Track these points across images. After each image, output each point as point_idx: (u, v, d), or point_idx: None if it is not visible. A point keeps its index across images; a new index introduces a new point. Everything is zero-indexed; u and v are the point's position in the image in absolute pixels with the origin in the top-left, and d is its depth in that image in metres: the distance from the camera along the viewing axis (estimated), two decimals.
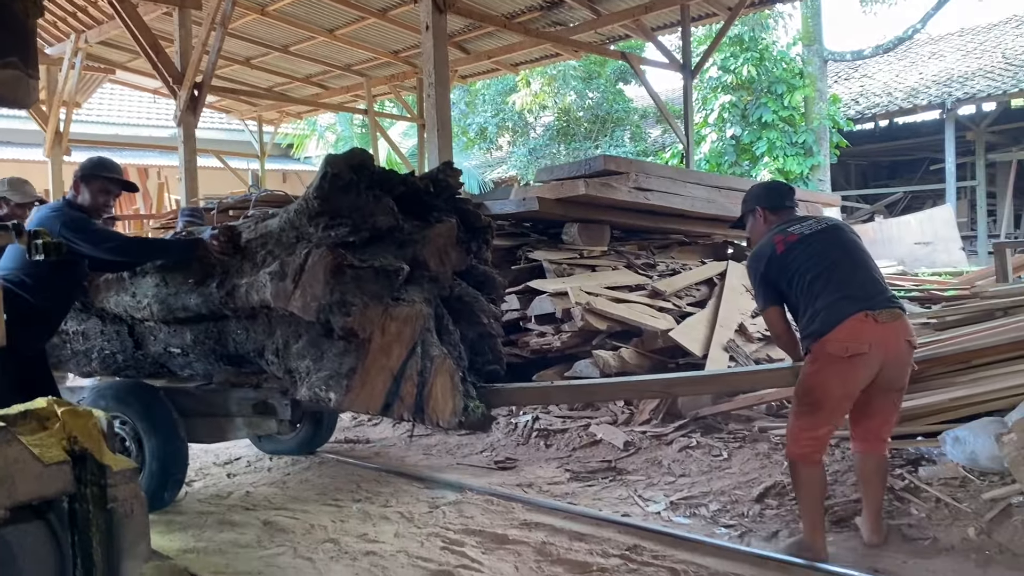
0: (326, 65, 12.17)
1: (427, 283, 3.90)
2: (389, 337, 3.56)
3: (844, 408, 3.47)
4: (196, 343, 4.40)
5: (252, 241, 4.09)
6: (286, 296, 3.61)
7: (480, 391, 4.04)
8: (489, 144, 21.11)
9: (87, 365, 5.06)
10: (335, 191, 3.68)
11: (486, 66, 11.95)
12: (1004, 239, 16.19)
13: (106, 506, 2.82)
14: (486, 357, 4.24)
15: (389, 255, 3.76)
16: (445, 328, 4.00)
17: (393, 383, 3.58)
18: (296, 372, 3.72)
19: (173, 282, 4.29)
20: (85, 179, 4.14)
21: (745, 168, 14.72)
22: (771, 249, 3.53)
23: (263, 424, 4.48)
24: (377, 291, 3.58)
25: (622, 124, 18.20)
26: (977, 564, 3.34)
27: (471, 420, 3.85)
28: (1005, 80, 14.92)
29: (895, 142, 18.35)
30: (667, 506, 4.30)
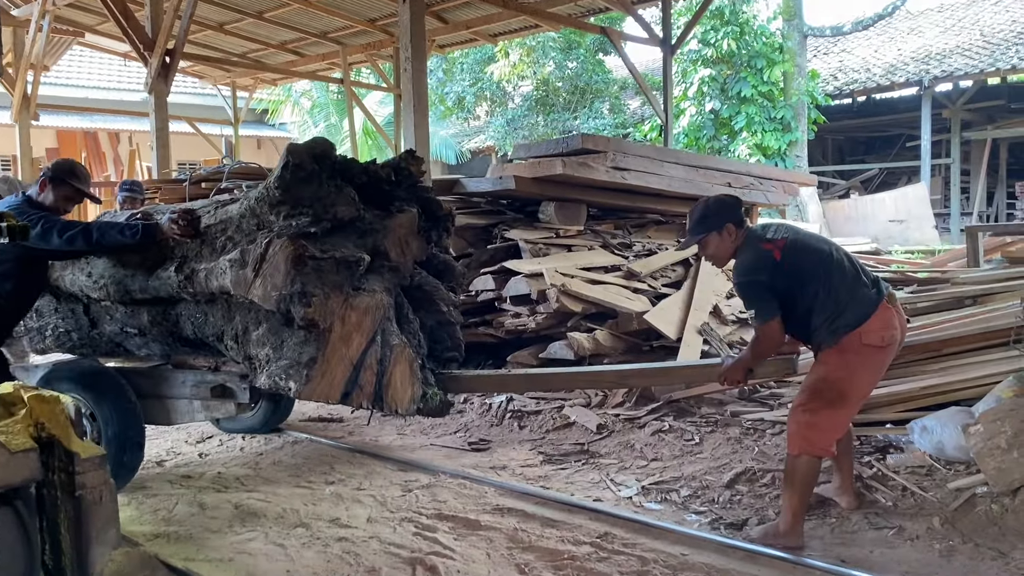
0: (301, 32, 11.95)
1: (388, 273, 3.90)
2: (349, 327, 3.57)
3: (867, 397, 3.56)
4: (153, 324, 4.39)
5: (212, 226, 4.06)
6: (246, 284, 3.62)
7: (438, 378, 4.08)
8: (467, 114, 20.93)
9: (41, 342, 5.03)
10: (296, 181, 3.66)
11: (464, 36, 11.80)
12: (976, 217, 16.38)
13: (74, 493, 2.81)
14: (445, 344, 4.28)
15: (350, 245, 3.76)
16: (405, 317, 4.03)
17: (353, 372, 3.59)
18: (256, 359, 3.72)
19: (130, 263, 4.27)
20: (54, 181, 4.13)
21: (724, 143, 14.71)
22: (768, 260, 3.46)
23: (221, 407, 4.49)
24: (338, 281, 3.59)
25: (601, 95, 18.09)
26: (941, 554, 3.40)
27: (429, 407, 3.89)
28: (982, 59, 14.96)
29: (872, 118, 18.40)
30: (639, 491, 4.33)
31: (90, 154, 16.75)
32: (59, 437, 2.81)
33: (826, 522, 3.76)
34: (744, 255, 3.57)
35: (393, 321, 3.83)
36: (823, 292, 3.40)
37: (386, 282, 3.85)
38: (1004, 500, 3.57)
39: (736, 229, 3.61)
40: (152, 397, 4.58)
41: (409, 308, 4.09)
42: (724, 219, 3.61)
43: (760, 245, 3.52)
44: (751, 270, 3.51)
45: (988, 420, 3.71)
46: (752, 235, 3.61)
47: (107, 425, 4.30)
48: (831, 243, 3.63)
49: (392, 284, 3.92)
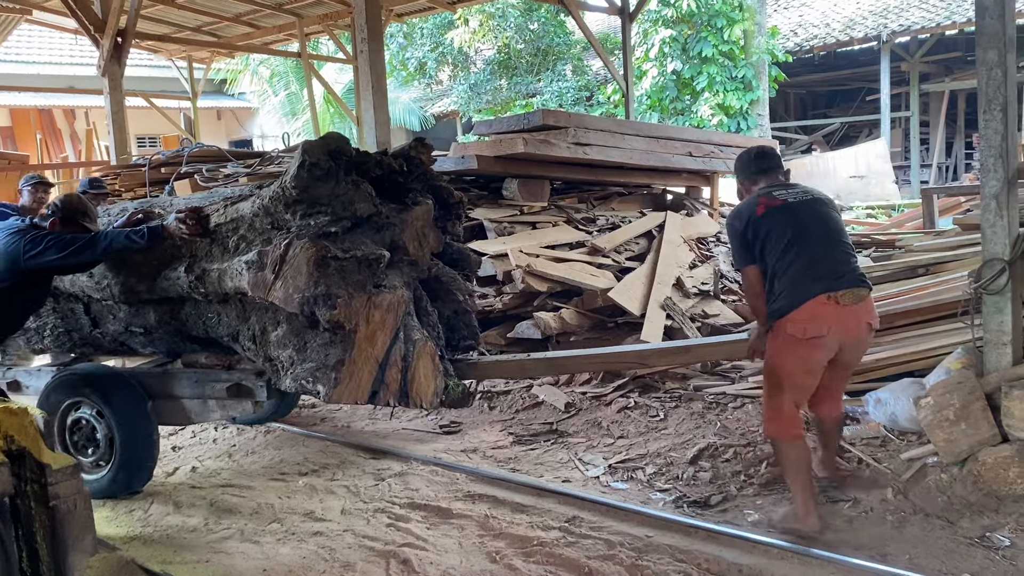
0: (256, 4, 11.71)
1: (407, 267, 3.88)
2: (373, 326, 3.57)
3: (807, 386, 3.53)
4: (160, 324, 4.34)
5: (222, 225, 3.99)
6: (265, 287, 3.57)
7: (457, 366, 4.10)
8: (429, 79, 20.70)
9: (39, 343, 4.95)
10: (314, 180, 3.62)
11: (422, 4, 11.64)
12: (935, 169, 16.63)
13: (48, 503, 2.86)
14: (462, 333, 4.29)
15: (368, 241, 3.72)
16: (424, 309, 4.01)
17: (379, 371, 3.60)
18: (277, 361, 3.68)
19: (134, 264, 4.21)
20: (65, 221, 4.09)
21: (687, 103, 14.74)
22: (751, 210, 3.52)
23: (238, 406, 4.35)
24: (360, 280, 3.57)
25: (564, 57, 17.97)
26: (893, 525, 3.56)
27: (451, 398, 3.94)
28: (939, 12, 15.07)
29: (833, 72, 18.50)
30: (606, 470, 4.45)
31: (45, 133, 16.40)
32: (29, 449, 2.85)
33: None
34: (745, 200, 3.69)
35: (413, 315, 3.83)
36: (776, 267, 3.44)
37: (405, 276, 3.84)
38: (952, 470, 3.73)
39: (753, 180, 3.70)
40: (165, 398, 4.47)
41: (427, 300, 4.08)
42: (743, 171, 3.80)
43: (756, 198, 3.57)
44: (733, 215, 3.63)
45: (937, 393, 3.86)
46: (765, 189, 3.63)
47: (119, 428, 4.25)
48: (828, 225, 3.53)
49: (411, 278, 3.91)
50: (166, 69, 17.16)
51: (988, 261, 3.89)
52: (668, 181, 8.13)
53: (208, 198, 4.46)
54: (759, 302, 3.56)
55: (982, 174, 3.96)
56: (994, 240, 3.90)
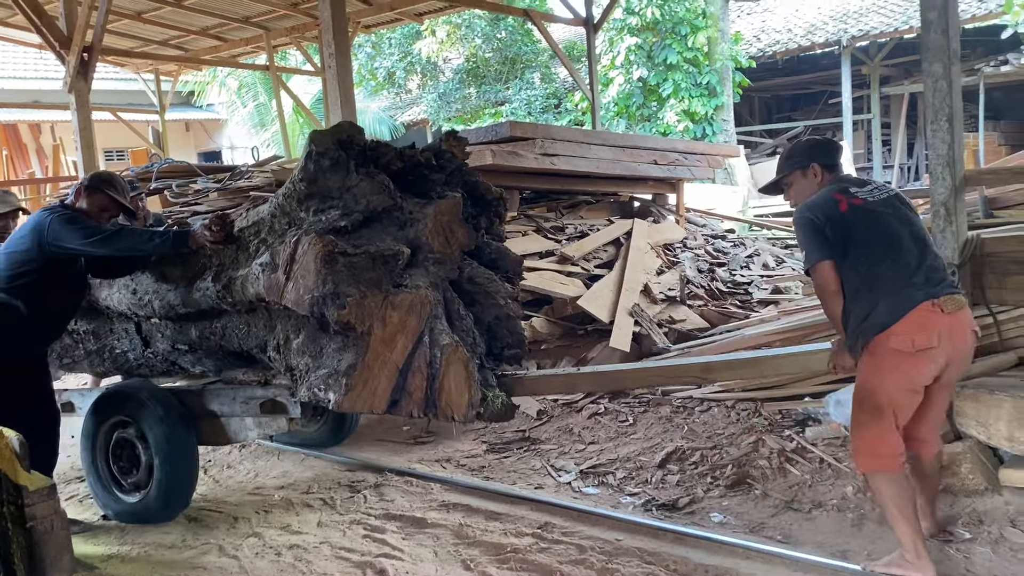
0: (223, 18, 11.73)
1: (432, 266, 3.62)
2: (392, 328, 3.32)
3: (910, 406, 3.14)
4: (202, 340, 4.20)
5: (245, 230, 3.85)
6: (279, 289, 3.40)
7: (500, 379, 3.81)
8: (398, 88, 20.77)
9: (100, 365, 4.85)
10: (322, 171, 3.46)
11: (389, 16, 11.73)
12: (897, 169, 16.97)
13: (25, 524, 2.91)
14: (505, 340, 3.96)
15: (388, 238, 3.51)
16: (456, 313, 3.71)
17: (399, 378, 3.36)
18: (297, 370, 3.50)
19: (171, 277, 4.10)
20: (89, 189, 4.01)
21: (653, 109, 14.93)
22: (834, 206, 3.17)
23: (273, 423, 4.15)
24: (375, 278, 3.35)
25: (531, 65, 18.13)
26: (852, 523, 3.70)
27: (491, 411, 3.59)
28: (897, 17, 15.40)
29: (796, 76, 18.79)
30: (577, 475, 4.56)
31: (11, 148, 16.25)
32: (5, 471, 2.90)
33: (750, 497, 4.04)
34: (813, 197, 3.30)
35: (443, 319, 3.54)
36: (867, 276, 3.09)
37: (431, 276, 3.57)
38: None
39: (823, 171, 3.35)
40: (205, 416, 4.31)
41: (460, 304, 3.75)
42: (811, 158, 3.38)
43: (831, 192, 3.24)
44: (808, 208, 3.23)
45: None
46: (836, 183, 3.31)
47: (158, 448, 4.14)
48: (914, 226, 3.21)
49: (438, 278, 3.63)
50: (132, 82, 17.09)
51: None
52: (635, 189, 8.28)
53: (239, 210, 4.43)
54: (835, 301, 3.16)
55: (931, 182, 4.13)
56: (944, 245, 4.07)
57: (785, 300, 6.48)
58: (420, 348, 3.40)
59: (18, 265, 3.86)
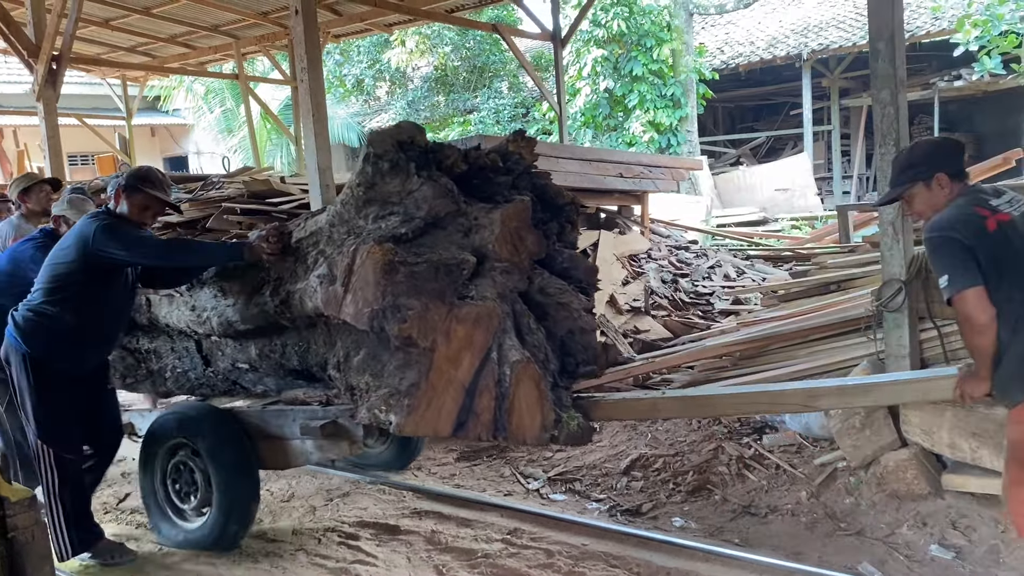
0: (192, 26, 11.73)
1: (500, 275, 3.35)
2: (457, 343, 3.08)
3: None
4: (262, 358, 3.98)
5: (303, 240, 3.65)
6: (337, 302, 3.19)
7: (575, 400, 3.55)
8: (367, 95, 20.83)
9: (162, 385, 4.64)
10: (380, 174, 3.26)
11: (359, 27, 11.80)
12: (856, 179, 17.40)
13: (7, 535, 3.00)
14: (579, 356, 3.64)
15: (452, 246, 3.29)
16: (527, 327, 3.42)
17: (465, 398, 3.11)
18: (357, 390, 3.27)
19: (230, 292, 3.88)
20: (127, 190, 3.78)
21: (619, 120, 15.19)
22: (979, 222, 2.75)
23: (334, 447, 3.89)
24: (438, 289, 3.13)
25: (499, 74, 18.32)
26: (806, 526, 3.90)
27: (566, 434, 3.31)
28: (855, 31, 15.81)
29: (759, 88, 19.19)
30: (545, 482, 4.72)
31: None
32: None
33: (710, 503, 4.23)
34: (948, 210, 2.87)
35: (512, 333, 3.28)
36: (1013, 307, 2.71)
37: (499, 287, 3.31)
38: (860, 473, 4.09)
39: (951, 181, 2.90)
40: (265, 439, 4.06)
41: (530, 316, 3.47)
42: (935, 166, 2.93)
43: (973, 208, 2.81)
44: (947, 226, 2.79)
45: None
46: (971, 193, 2.91)
47: (217, 472, 3.91)
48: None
49: (507, 289, 3.36)
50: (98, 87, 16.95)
51: (887, 281, 4.28)
52: (601, 200, 8.46)
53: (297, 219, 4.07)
54: (987, 335, 2.71)
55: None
56: (892, 262, 4.29)
57: (745, 311, 6.70)
58: (488, 365, 3.14)
59: (63, 277, 3.70)
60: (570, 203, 3.76)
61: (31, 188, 5.24)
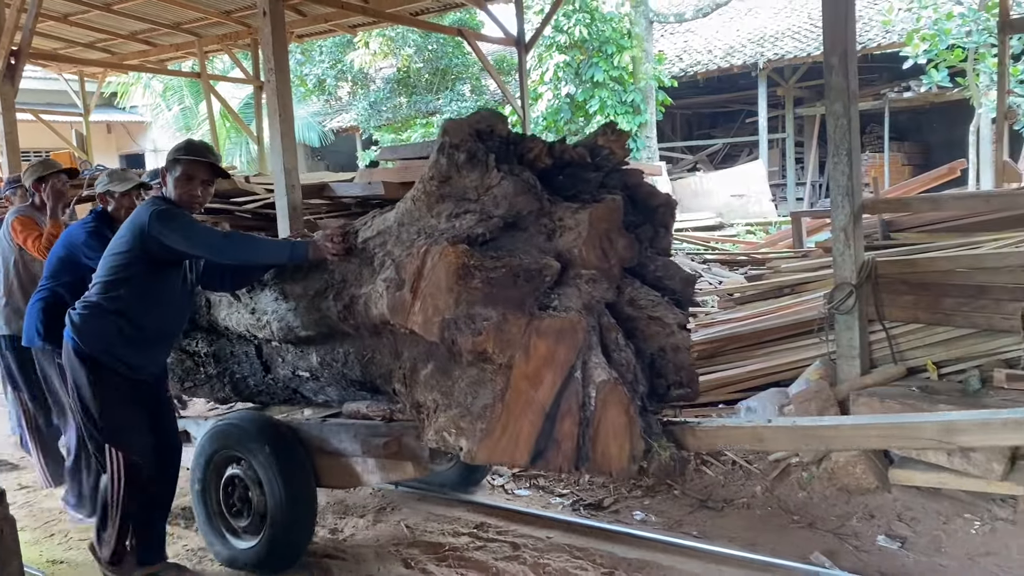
0: (153, 23, 11.65)
1: (586, 284, 3.03)
2: (537, 360, 2.76)
3: None
4: (323, 366, 3.68)
5: (370, 240, 3.32)
6: (404, 310, 2.87)
7: (666, 426, 3.14)
8: (328, 95, 20.79)
9: (221, 391, 4.39)
10: (456, 167, 2.94)
11: (323, 27, 11.83)
12: (809, 186, 17.85)
13: None
14: (671, 378, 3.26)
15: (533, 249, 3.00)
16: (615, 343, 3.06)
17: (545, 423, 2.78)
18: (424, 407, 2.97)
19: (291, 295, 3.59)
20: (167, 167, 3.50)
21: (580, 125, 15.39)
22: None
23: (397, 469, 3.55)
24: (517, 298, 2.83)
25: (462, 77, 18.42)
26: (761, 518, 4.07)
27: (656, 465, 2.97)
28: (810, 42, 16.23)
29: (716, 95, 19.60)
30: (510, 478, 4.83)
31: None
32: None
33: (668, 497, 4.38)
34: None
35: (598, 350, 2.93)
36: None
37: (584, 297, 2.99)
38: (812, 468, 4.28)
39: None
40: (324, 454, 3.75)
41: (619, 332, 3.10)
42: None
43: None
44: None
45: (798, 401, 4.42)
46: None
47: (271, 489, 3.62)
48: None
49: (593, 300, 3.03)
50: (54, 82, 16.71)
51: (839, 285, 4.48)
52: None
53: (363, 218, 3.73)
54: None
55: (832, 209, 4.56)
56: (843, 266, 4.50)
57: (703, 313, 6.89)
58: (571, 385, 2.80)
59: (120, 268, 3.43)
60: (665, 204, 3.45)
61: (47, 177, 4.88)
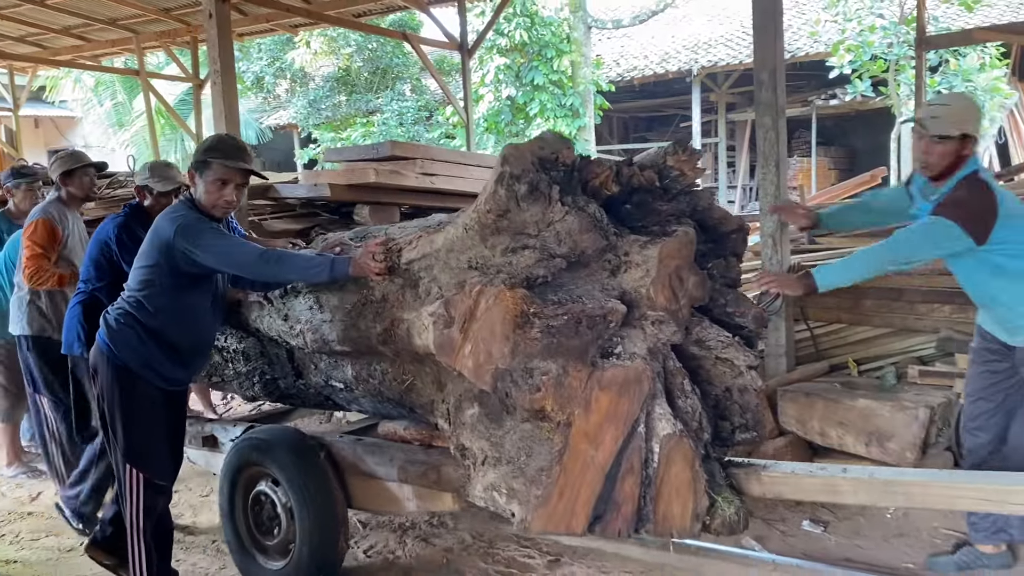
0: (88, 19, 11.44)
1: (652, 326, 2.76)
2: (598, 416, 2.52)
3: None
4: (359, 381, 3.52)
5: (415, 262, 3.04)
6: (452, 350, 2.62)
7: (728, 470, 2.88)
8: (266, 93, 20.60)
9: (250, 389, 4.25)
10: (516, 199, 2.66)
11: (264, 27, 11.79)
12: (741, 189, 18.43)
13: None
14: (735, 421, 2.99)
15: (595, 287, 2.76)
16: (680, 388, 2.78)
17: (605, 485, 2.52)
18: (469, 454, 2.73)
19: (327, 306, 3.37)
20: (197, 168, 3.25)
21: (521, 127, 15.62)
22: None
23: (436, 500, 3.30)
24: (579, 347, 2.58)
25: (402, 77, 18.48)
26: None
27: (721, 522, 2.67)
28: (741, 50, 16.75)
29: (652, 100, 20.03)
30: None
31: None
32: None
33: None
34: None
35: (663, 398, 2.66)
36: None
37: (650, 340, 2.73)
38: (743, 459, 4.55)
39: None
40: (357, 475, 3.54)
41: (685, 376, 2.81)
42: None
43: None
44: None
45: None
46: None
47: (300, 508, 3.45)
48: None
49: (659, 342, 2.76)
50: None
51: None
52: None
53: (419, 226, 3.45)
54: None
55: (760, 217, 4.86)
56: (771, 269, 4.79)
57: None
58: (633, 442, 2.56)
59: (150, 284, 3.23)
60: (737, 230, 3.16)
61: (75, 171, 4.64)
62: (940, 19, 13.67)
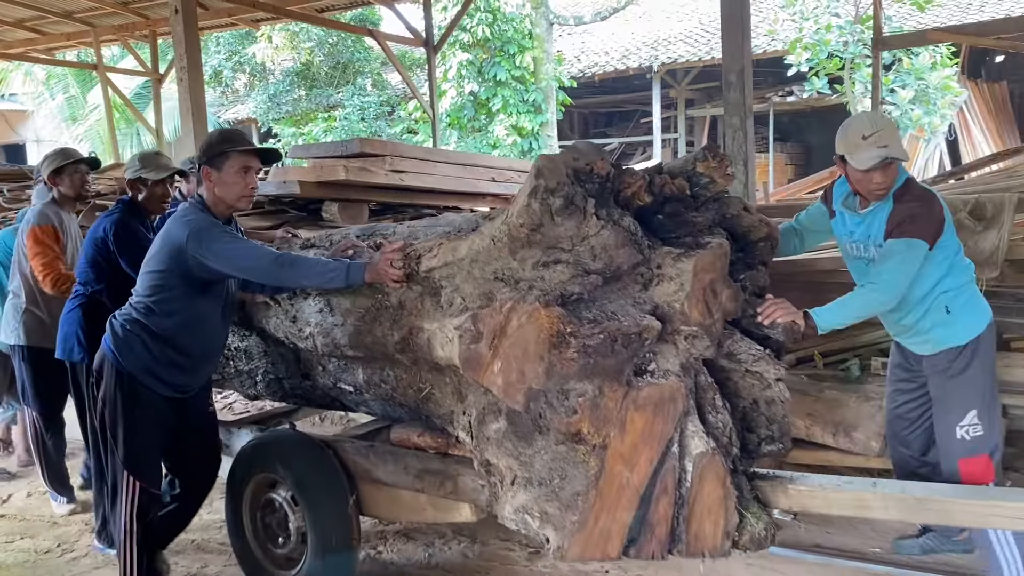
0: (42, 11, 11.22)
1: (685, 341, 2.68)
2: (633, 437, 2.45)
3: None
4: (371, 385, 3.41)
5: (435, 270, 2.93)
6: (480, 366, 2.53)
7: (755, 483, 2.79)
8: (224, 86, 20.35)
9: (252, 387, 4.13)
10: (550, 213, 2.56)
11: (226, 21, 11.69)
12: None
13: None
14: (762, 433, 2.91)
15: (627, 302, 2.67)
16: (711, 404, 2.71)
17: (640, 507, 2.47)
18: (495, 472, 2.62)
19: (339, 310, 3.29)
20: (214, 162, 3.13)
21: (483, 123, 15.68)
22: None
23: (452, 511, 3.15)
24: (614, 367, 2.50)
25: (363, 72, 18.39)
26: None
27: (750, 538, 2.61)
28: (701, 47, 16.99)
29: (613, 96, 20.21)
30: None
31: None
32: None
33: None
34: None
35: (695, 415, 2.61)
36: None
37: (683, 355, 2.66)
38: None
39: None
40: (369, 482, 3.40)
41: (716, 391, 2.75)
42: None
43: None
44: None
45: None
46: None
47: (312, 516, 3.36)
48: None
49: (691, 358, 2.68)
50: None
51: None
52: (475, 203, 8.89)
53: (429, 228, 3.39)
54: None
55: None
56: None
57: None
58: (667, 462, 2.50)
59: (160, 289, 3.15)
60: (767, 238, 3.10)
61: (64, 168, 4.36)
62: (893, 18, 14.02)
